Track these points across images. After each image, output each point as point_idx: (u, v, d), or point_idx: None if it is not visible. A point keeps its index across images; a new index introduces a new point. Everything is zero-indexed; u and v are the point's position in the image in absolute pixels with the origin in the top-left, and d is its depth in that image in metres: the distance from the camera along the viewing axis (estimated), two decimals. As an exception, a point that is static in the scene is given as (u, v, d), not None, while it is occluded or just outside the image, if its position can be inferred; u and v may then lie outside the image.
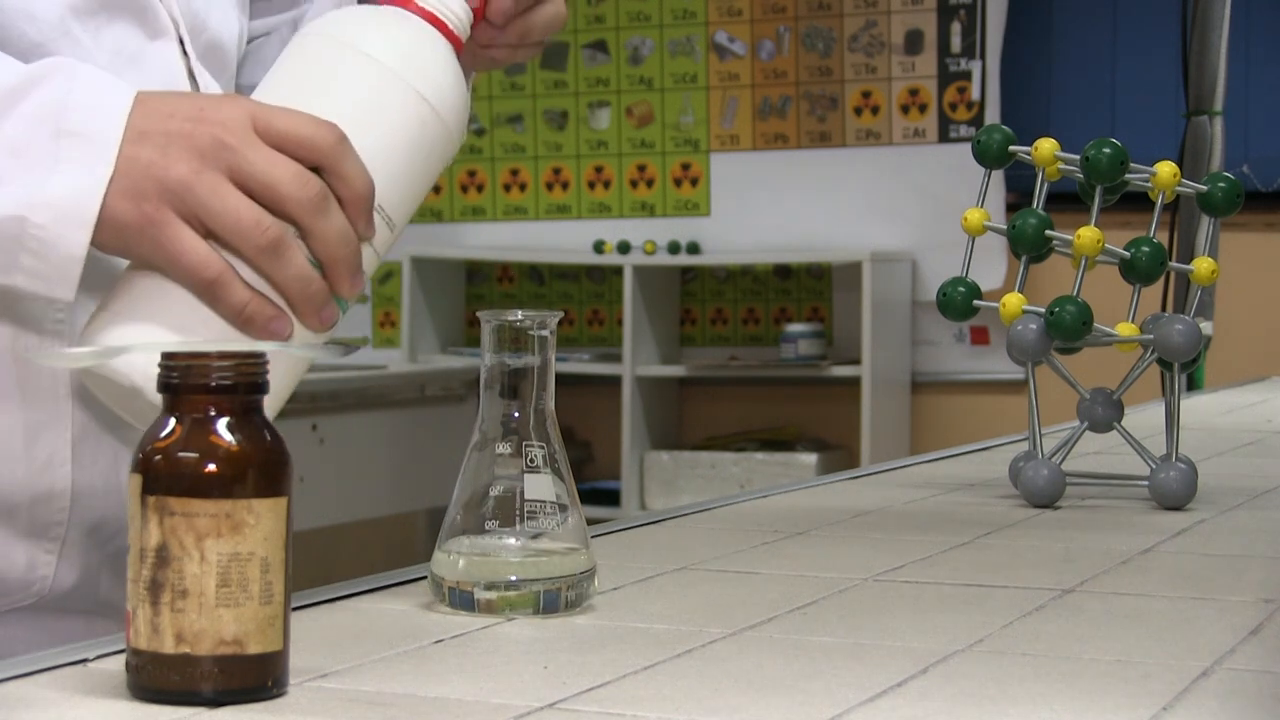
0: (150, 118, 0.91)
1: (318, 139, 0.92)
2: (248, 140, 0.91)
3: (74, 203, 0.90)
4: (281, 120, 0.92)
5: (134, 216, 0.90)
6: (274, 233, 0.90)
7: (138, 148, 0.91)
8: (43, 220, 0.90)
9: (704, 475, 4.88)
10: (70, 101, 0.92)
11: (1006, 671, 0.83)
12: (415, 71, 0.99)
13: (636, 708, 0.75)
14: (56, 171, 0.90)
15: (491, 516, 0.96)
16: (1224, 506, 1.41)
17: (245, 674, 0.74)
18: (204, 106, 0.92)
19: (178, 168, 0.90)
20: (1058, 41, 4.95)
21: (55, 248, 0.91)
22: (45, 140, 0.91)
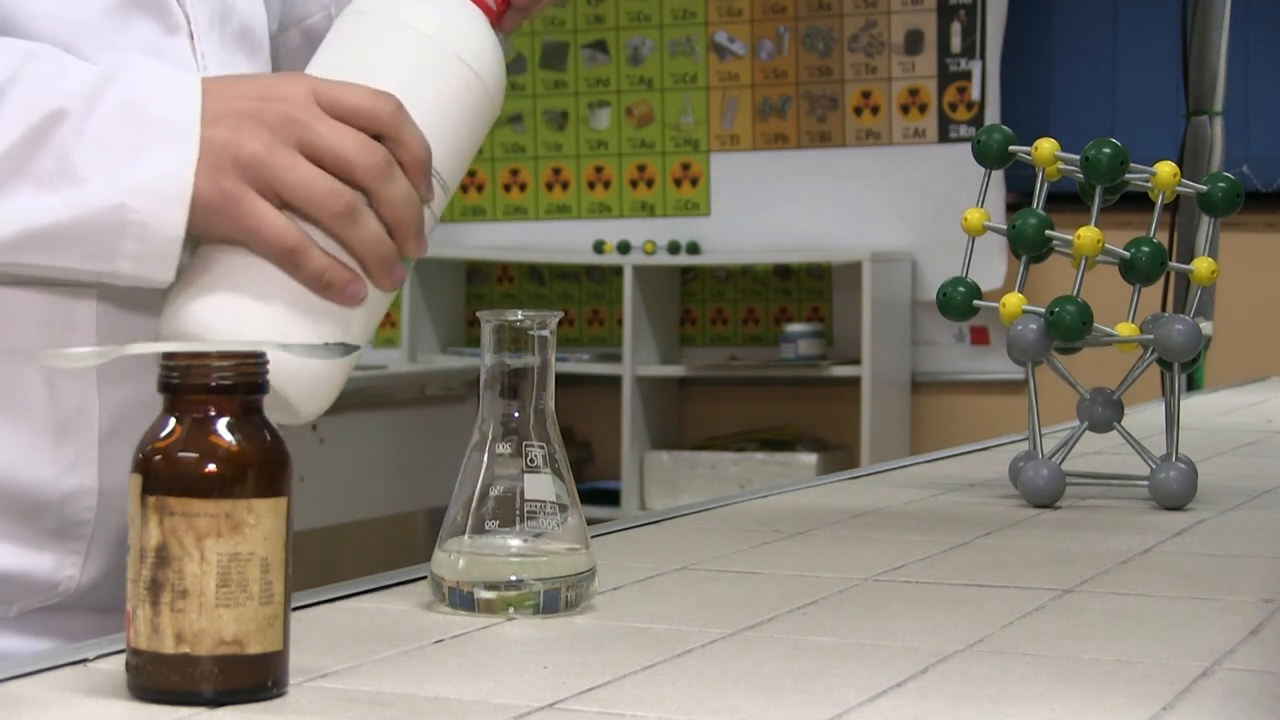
0: (219, 100, 0.96)
1: (378, 109, 0.97)
2: (313, 113, 0.96)
3: (167, 185, 0.94)
4: (342, 93, 0.97)
5: (214, 194, 0.95)
6: (347, 199, 0.96)
7: (212, 129, 0.95)
8: (140, 205, 0.94)
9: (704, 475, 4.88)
10: (146, 93, 0.96)
11: (1006, 671, 0.83)
12: (456, 39, 1.04)
13: (636, 708, 0.75)
14: (144, 158, 0.94)
15: (491, 516, 0.96)
16: (1224, 506, 1.41)
17: (245, 674, 0.74)
18: (267, 85, 0.97)
19: (251, 144, 0.95)
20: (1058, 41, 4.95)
21: (155, 231, 0.95)
22: (130, 130, 0.95)
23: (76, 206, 0.95)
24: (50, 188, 0.95)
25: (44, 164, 0.95)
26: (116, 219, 0.95)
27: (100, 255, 0.96)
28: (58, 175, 0.95)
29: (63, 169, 0.95)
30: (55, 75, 0.96)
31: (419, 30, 1.04)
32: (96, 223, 0.95)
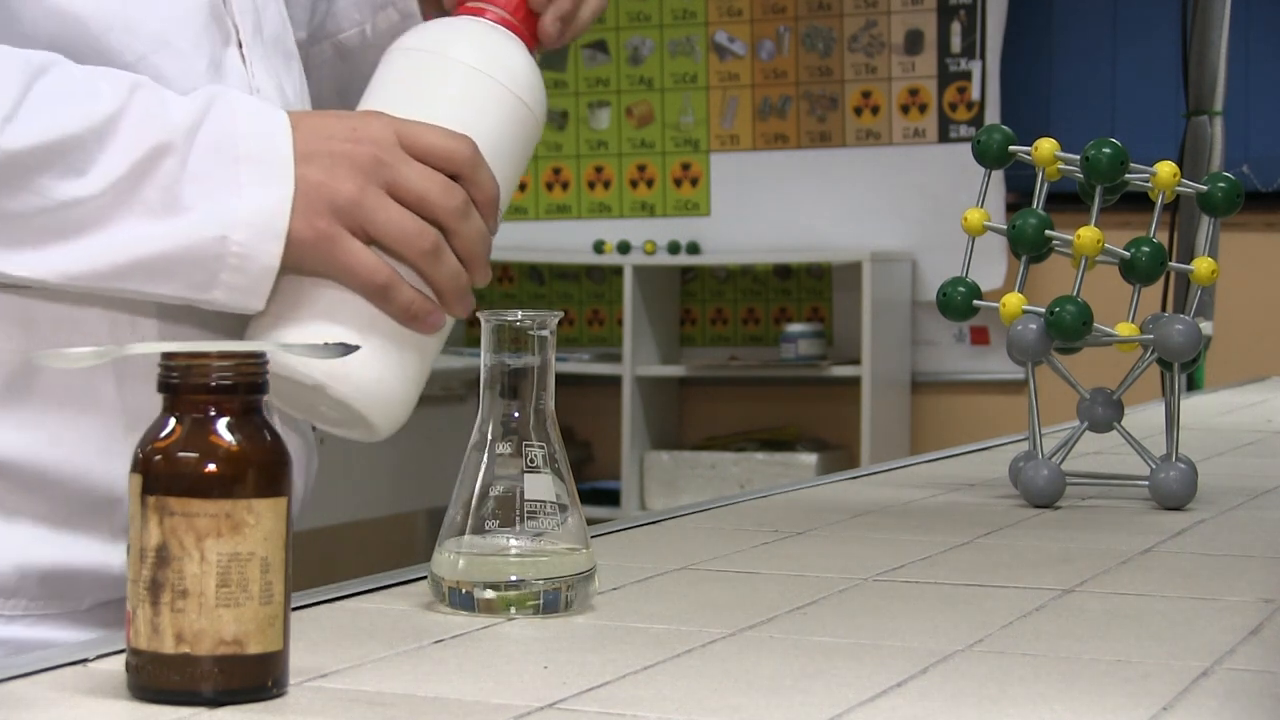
0: (311, 139, 1.02)
1: (456, 151, 1.05)
2: (399, 156, 1.03)
3: (267, 220, 1.00)
4: (424, 135, 1.04)
5: (310, 233, 1.01)
6: (433, 239, 1.03)
7: (306, 169, 1.01)
8: (241, 238, 1.00)
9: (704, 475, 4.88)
10: (238, 130, 1.01)
11: (1006, 671, 0.83)
12: (505, 72, 1.11)
13: (636, 708, 0.75)
14: (244, 193, 1.00)
15: (491, 516, 0.96)
16: (1224, 506, 1.41)
17: (245, 674, 0.74)
18: (356, 126, 1.03)
19: (345, 187, 1.02)
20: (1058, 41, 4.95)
21: (254, 261, 1.00)
22: (226, 167, 1.00)
23: (180, 237, 1.00)
24: (156, 218, 0.99)
25: (150, 195, 0.99)
26: (218, 250, 1.00)
27: (199, 284, 1.01)
28: (162, 207, 0.99)
29: (167, 200, 0.99)
30: (158, 108, 1.00)
31: (474, 67, 1.10)
32: (199, 253, 1.00)
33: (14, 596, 1.05)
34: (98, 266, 0.99)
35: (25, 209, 0.98)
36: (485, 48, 1.11)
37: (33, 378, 1.03)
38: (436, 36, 1.13)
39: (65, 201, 0.98)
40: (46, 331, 1.03)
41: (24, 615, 1.06)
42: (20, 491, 1.04)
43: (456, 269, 1.05)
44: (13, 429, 1.03)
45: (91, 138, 0.98)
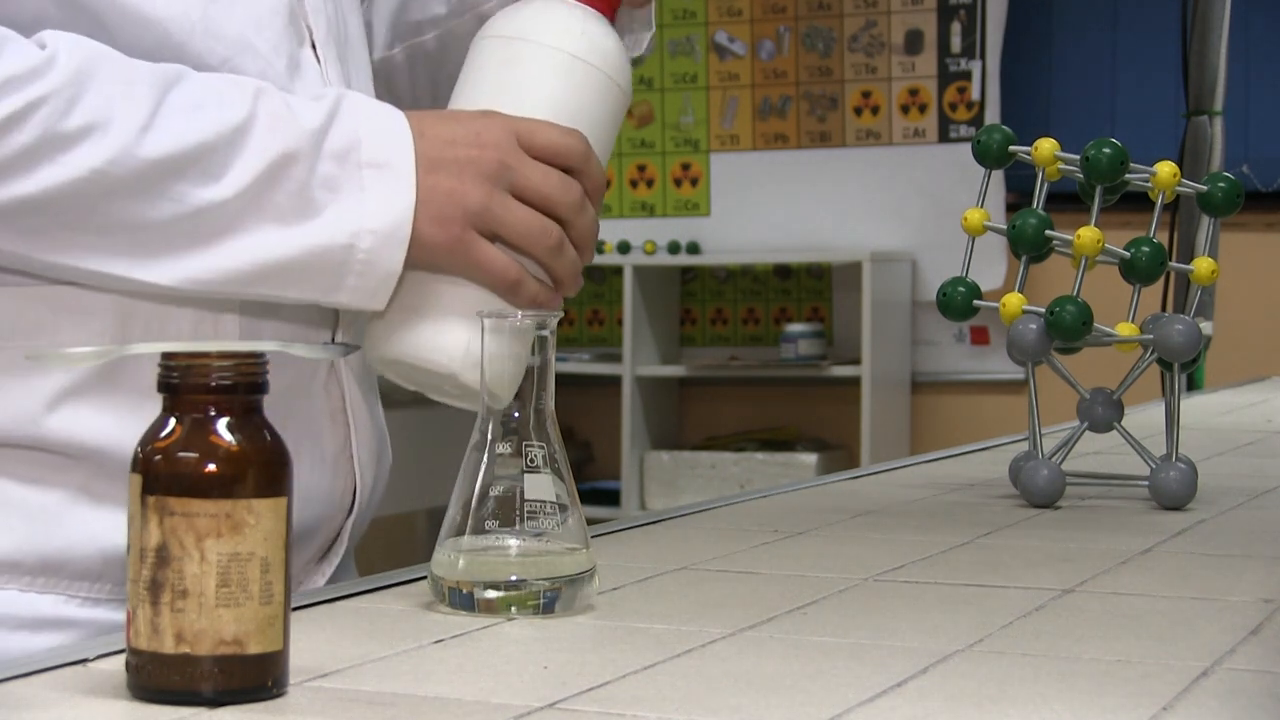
0: (434, 145, 1.06)
1: (571, 148, 1.09)
2: (520, 158, 1.07)
3: (392, 227, 1.04)
4: (541, 134, 1.08)
5: (443, 239, 1.06)
6: (556, 235, 1.08)
7: (435, 176, 1.05)
8: (368, 245, 1.04)
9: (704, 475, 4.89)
10: (361, 134, 1.05)
11: (1006, 671, 0.83)
12: (599, 55, 1.13)
13: (636, 708, 0.75)
14: (369, 200, 1.04)
15: (491, 516, 0.96)
16: (1224, 506, 1.41)
17: (245, 674, 0.74)
18: (478, 131, 1.07)
19: (475, 194, 1.06)
20: (1058, 41, 4.95)
21: (378, 267, 1.04)
22: (352, 173, 1.04)
23: (310, 242, 1.03)
24: (286, 223, 1.03)
25: (281, 200, 1.02)
26: (345, 257, 1.04)
27: (325, 288, 1.05)
28: (292, 212, 1.03)
29: (297, 206, 1.03)
30: (286, 114, 1.03)
31: (568, 52, 1.12)
32: (327, 259, 1.04)
33: (99, 580, 1.08)
34: (231, 273, 1.03)
35: (164, 216, 1.01)
36: (577, 32, 1.13)
37: (124, 368, 1.05)
38: (527, 22, 1.13)
39: (201, 207, 1.01)
40: (139, 325, 1.07)
41: (109, 599, 1.08)
42: (107, 479, 1.06)
43: (574, 258, 1.10)
44: (105, 416, 1.06)
45: (224, 144, 1.01)
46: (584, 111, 1.12)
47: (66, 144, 0.99)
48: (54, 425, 1.06)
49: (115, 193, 1.00)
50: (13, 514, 1.06)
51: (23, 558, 1.06)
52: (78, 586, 1.08)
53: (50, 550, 1.06)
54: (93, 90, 1.00)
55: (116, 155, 0.99)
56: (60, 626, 1.07)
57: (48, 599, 1.07)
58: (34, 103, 0.98)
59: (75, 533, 1.07)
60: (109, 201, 1.00)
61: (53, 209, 1.00)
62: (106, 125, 0.99)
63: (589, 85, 1.13)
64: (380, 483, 1.24)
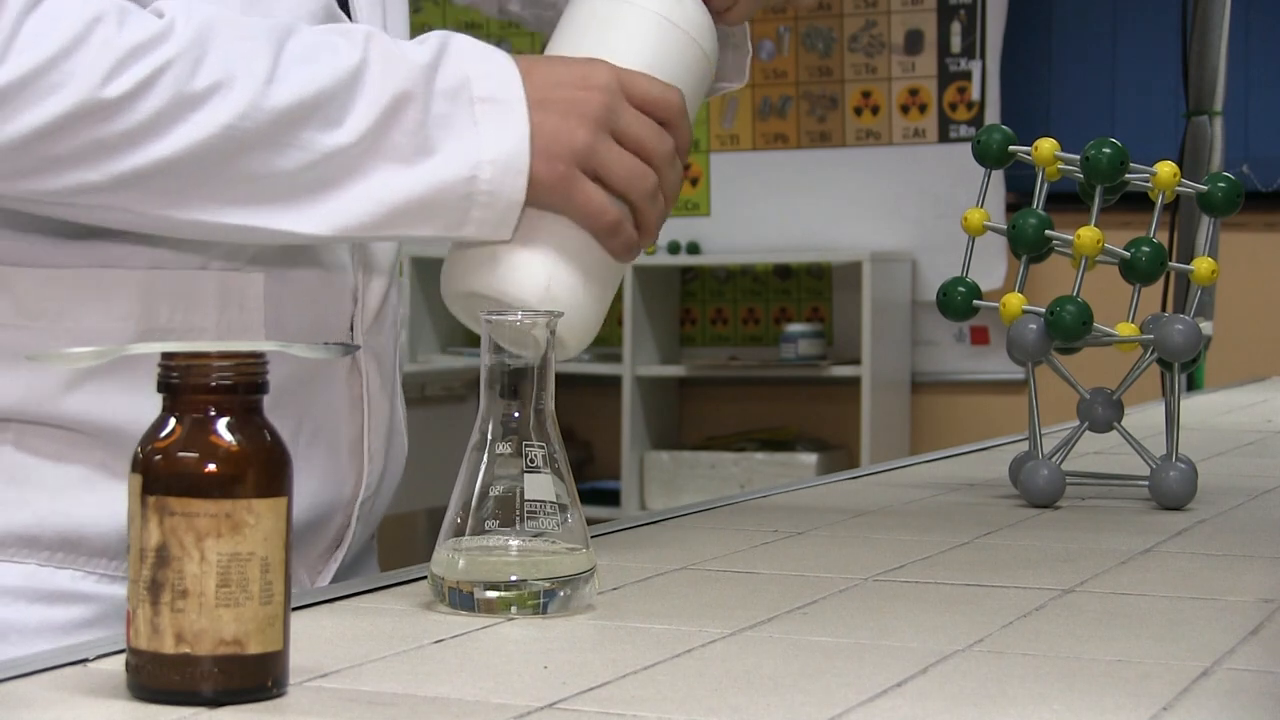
0: (542, 86, 1.08)
1: (668, 101, 1.12)
2: (622, 104, 1.10)
3: (509, 157, 1.07)
4: (640, 85, 1.11)
5: (550, 175, 1.08)
6: (653, 180, 1.11)
7: (543, 115, 1.08)
8: (488, 176, 1.06)
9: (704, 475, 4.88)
10: (470, 72, 1.07)
11: (1006, 671, 0.83)
12: (690, 22, 1.17)
13: (636, 708, 0.75)
14: (484, 134, 1.06)
15: (491, 516, 0.96)
16: (1224, 506, 1.41)
17: (245, 674, 0.74)
18: (584, 74, 1.10)
19: (581, 133, 1.08)
20: (1058, 41, 4.95)
21: (501, 198, 1.07)
22: (465, 109, 1.07)
23: (432, 179, 1.06)
24: (408, 163, 1.06)
25: (400, 140, 1.05)
26: (468, 189, 1.06)
27: (453, 223, 1.07)
28: (412, 152, 1.06)
29: (416, 145, 1.06)
30: (396, 56, 1.06)
31: (662, 15, 1.15)
32: (450, 194, 1.06)
33: (117, 557, 1.10)
34: (362, 217, 1.05)
35: (294, 165, 1.04)
36: (682, 5, 1.16)
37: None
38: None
39: (328, 152, 1.04)
40: (163, 306, 1.09)
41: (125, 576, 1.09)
42: (126, 457, 1.07)
43: (663, 208, 1.13)
44: (125, 395, 1.08)
45: (342, 90, 1.04)
46: (677, 77, 1.15)
47: (196, 103, 1.01)
48: (74, 403, 1.08)
49: (247, 146, 1.03)
50: (32, 489, 1.08)
51: (41, 532, 1.08)
52: (95, 563, 1.10)
53: (69, 526, 1.08)
54: (215, 50, 1.02)
55: (245, 109, 1.02)
56: (77, 600, 1.09)
57: (65, 573, 1.09)
58: (161, 67, 1.01)
59: (94, 509, 1.09)
60: (242, 155, 1.03)
61: (189, 168, 1.02)
62: (232, 81, 1.02)
63: (683, 52, 1.16)
64: (392, 474, 1.25)
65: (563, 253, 1.10)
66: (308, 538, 1.19)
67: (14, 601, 1.08)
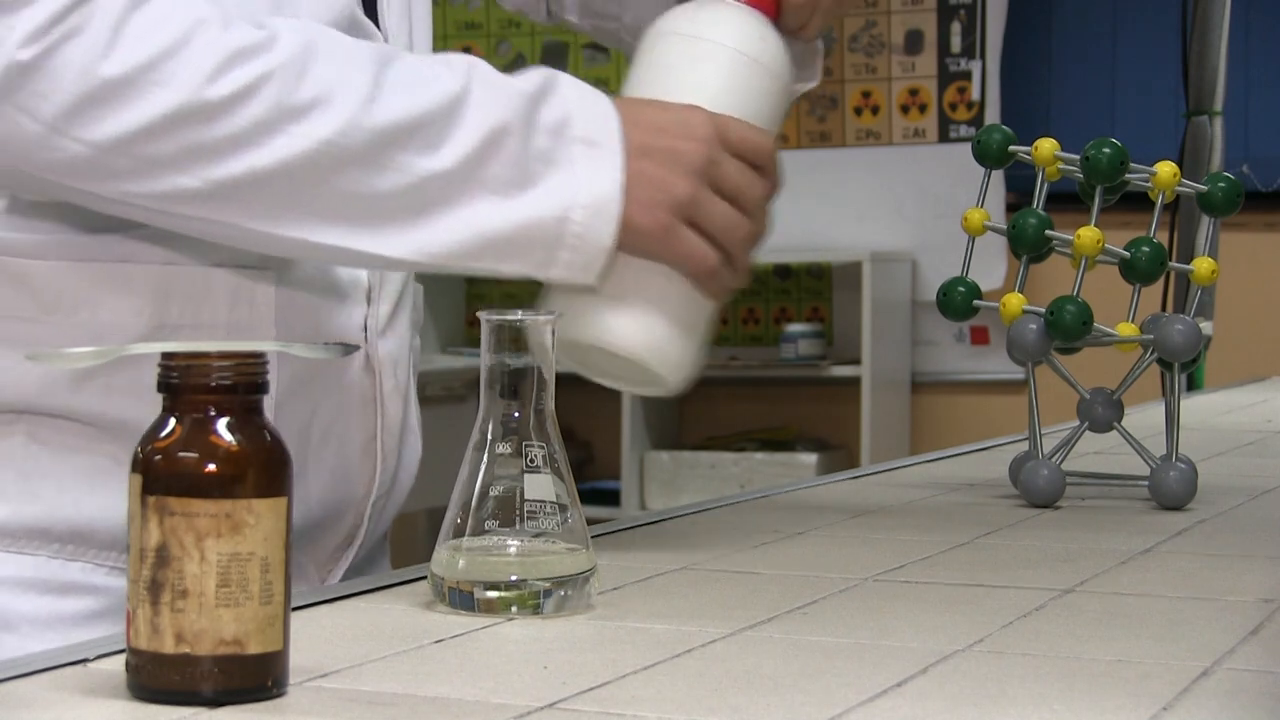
0: (644, 132, 1.09)
1: (762, 148, 1.12)
2: (721, 154, 1.10)
3: (603, 202, 1.06)
4: (737, 133, 1.11)
5: (650, 224, 1.08)
6: (749, 228, 1.12)
7: (644, 163, 1.08)
8: (580, 219, 1.06)
9: (704, 475, 4.88)
10: (572, 112, 1.07)
11: (1006, 671, 0.83)
12: (778, 63, 1.18)
13: (636, 708, 0.75)
14: (579, 175, 1.06)
15: (491, 516, 0.96)
16: (1224, 506, 1.41)
17: (245, 674, 0.74)
18: (685, 121, 1.10)
19: (682, 185, 1.08)
20: (1058, 41, 4.95)
21: (591, 242, 1.06)
22: (563, 148, 1.06)
23: (526, 214, 1.05)
24: (502, 196, 1.05)
25: (497, 171, 1.05)
26: (559, 230, 1.06)
27: (541, 262, 1.07)
28: (507, 184, 1.05)
29: (512, 179, 1.05)
30: (499, 88, 1.06)
31: (750, 56, 1.16)
32: (542, 232, 1.06)
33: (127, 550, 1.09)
34: (451, 245, 1.05)
35: (389, 187, 1.03)
36: (756, 37, 1.16)
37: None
38: (709, 23, 1.16)
39: (424, 178, 1.04)
40: (175, 302, 1.09)
41: None
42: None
43: (754, 252, 1.14)
44: (137, 389, 1.07)
45: (442, 115, 1.04)
46: (762, 114, 1.16)
47: (297, 115, 1.01)
48: (86, 397, 1.08)
49: (344, 164, 1.03)
50: (44, 482, 1.09)
51: (53, 525, 1.09)
52: (105, 555, 1.10)
53: (80, 519, 1.09)
54: (318, 65, 1.03)
55: (345, 126, 1.02)
56: (88, 592, 1.10)
57: (76, 566, 1.10)
58: (264, 75, 1.01)
59: (105, 502, 1.09)
60: (337, 173, 1.03)
61: (284, 181, 1.02)
62: (333, 97, 1.02)
63: (768, 89, 1.17)
64: (405, 474, 1.26)
65: (665, 301, 1.11)
66: (319, 535, 1.19)
67: (25, 593, 1.08)
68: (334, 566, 1.21)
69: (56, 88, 0.98)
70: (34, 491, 1.08)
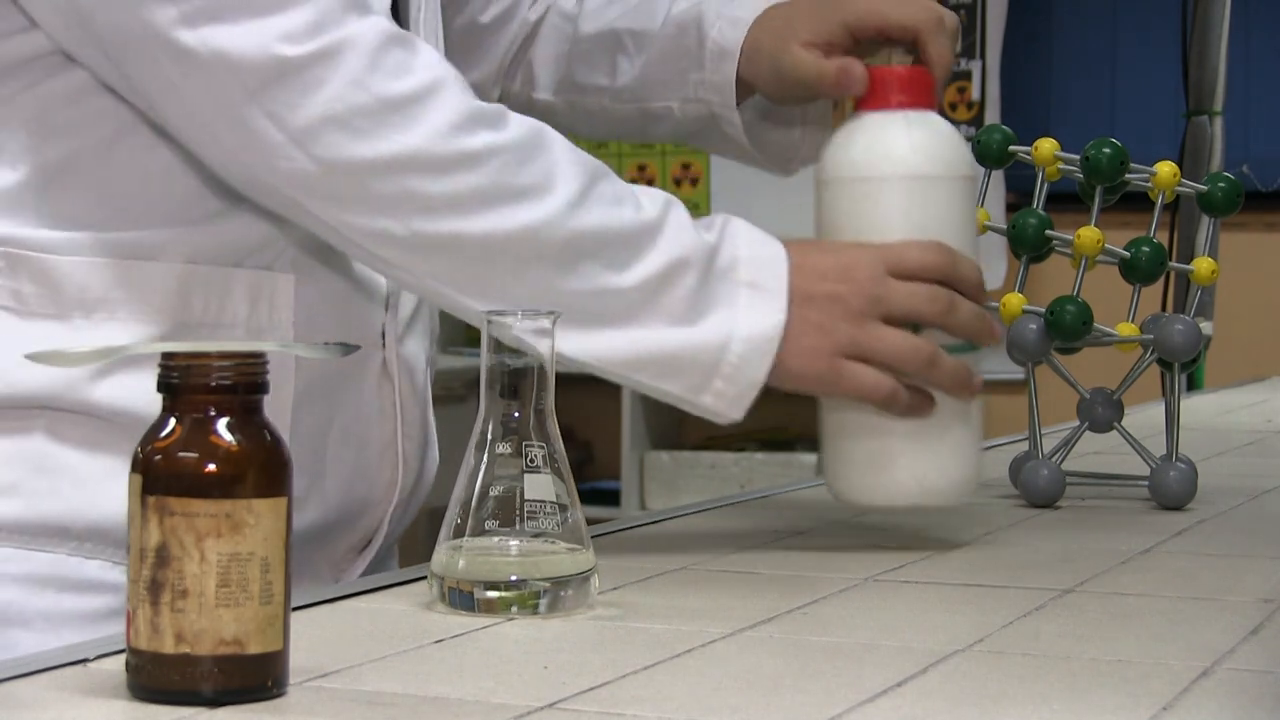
0: (808, 278, 1.12)
1: (936, 264, 1.14)
2: (888, 286, 1.12)
3: (760, 341, 1.10)
4: (906, 257, 1.13)
5: (814, 369, 1.12)
6: (926, 352, 1.13)
7: (806, 310, 1.11)
8: (738, 351, 1.10)
9: (704, 475, 4.88)
10: (741, 256, 1.11)
11: (1006, 671, 0.83)
12: (942, 164, 1.17)
13: (636, 708, 0.75)
14: (739, 313, 1.10)
15: (491, 516, 0.96)
16: (1224, 506, 1.41)
17: (245, 674, 0.74)
18: (848, 266, 1.13)
19: (843, 328, 1.12)
20: (1058, 41, 4.95)
21: (744, 375, 1.11)
22: (732, 288, 1.11)
23: (688, 342, 1.10)
24: (673, 323, 1.10)
25: (671, 302, 1.09)
26: (716, 359, 1.10)
27: (695, 386, 1.11)
28: (680, 315, 1.10)
29: (684, 310, 1.10)
30: (688, 225, 1.11)
31: (915, 176, 1.16)
32: (701, 360, 1.10)
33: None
34: (616, 355, 1.10)
35: (569, 289, 1.08)
36: (921, 150, 1.16)
37: (177, 337, 1.09)
38: (865, 155, 1.17)
39: (603, 290, 1.08)
40: (196, 300, 1.11)
41: None
42: None
43: (956, 367, 1.14)
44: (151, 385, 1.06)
45: (634, 239, 1.09)
46: (954, 223, 1.17)
47: (513, 196, 1.06)
48: (105, 392, 1.08)
49: (538, 256, 1.07)
50: (63, 480, 1.09)
51: (72, 523, 1.09)
52: (122, 553, 1.09)
53: (99, 516, 1.09)
54: (542, 156, 1.08)
55: (550, 221, 1.06)
56: (106, 590, 1.10)
57: (94, 563, 1.10)
58: (494, 148, 1.06)
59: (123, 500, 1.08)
60: (529, 262, 1.07)
61: (479, 253, 1.06)
62: (548, 190, 1.07)
63: (941, 197, 1.17)
64: (426, 479, 1.26)
65: (912, 440, 1.15)
66: (335, 536, 1.19)
67: (42, 590, 1.08)
68: (348, 568, 1.21)
69: (308, 101, 1.01)
70: (53, 488, 1.09)
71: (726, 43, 1.29)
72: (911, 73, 1.19)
